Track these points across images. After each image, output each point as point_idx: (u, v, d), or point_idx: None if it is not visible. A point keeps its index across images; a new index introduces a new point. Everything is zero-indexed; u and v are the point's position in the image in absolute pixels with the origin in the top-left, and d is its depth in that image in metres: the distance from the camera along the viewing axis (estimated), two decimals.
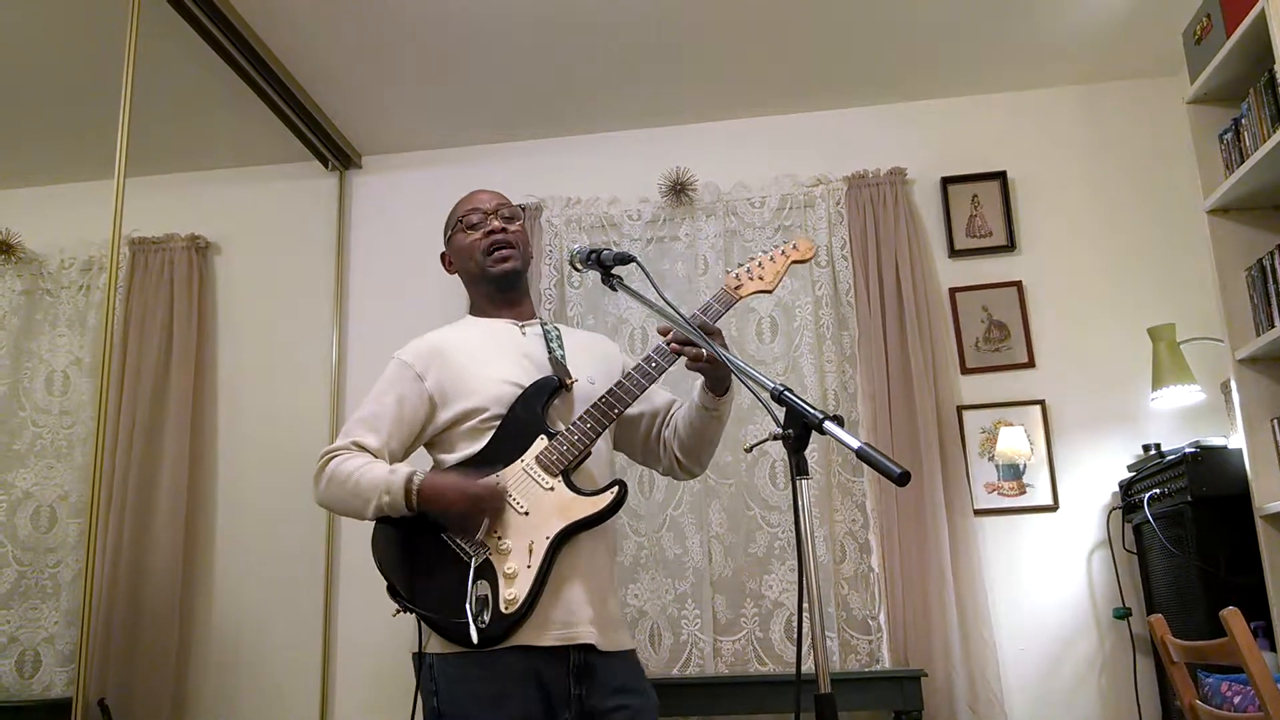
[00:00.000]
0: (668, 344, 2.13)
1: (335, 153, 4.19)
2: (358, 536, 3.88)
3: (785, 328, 3.91)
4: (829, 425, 1.59)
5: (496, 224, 2.34)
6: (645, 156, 4.12)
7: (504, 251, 2.32)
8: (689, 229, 4.04)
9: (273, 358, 4.18)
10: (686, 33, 3.61)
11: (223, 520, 4.05)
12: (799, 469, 1.62)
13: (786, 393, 1.67)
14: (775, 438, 1.66)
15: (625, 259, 2.15)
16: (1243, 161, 2.98)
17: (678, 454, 2.33)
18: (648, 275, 2.10)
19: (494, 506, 2.03)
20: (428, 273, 4.09)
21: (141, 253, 4.21)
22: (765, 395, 1.70)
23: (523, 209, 3.38)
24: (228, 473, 4.10)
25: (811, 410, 1.63)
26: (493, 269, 2.33)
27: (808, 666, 1.63)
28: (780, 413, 1.67)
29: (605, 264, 2.17)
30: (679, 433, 2.31)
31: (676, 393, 2.47)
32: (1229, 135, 3.10)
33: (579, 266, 2.25)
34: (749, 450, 3.70)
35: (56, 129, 3.96)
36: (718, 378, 2.18)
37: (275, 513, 3.99)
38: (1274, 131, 2.80)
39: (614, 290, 2.19)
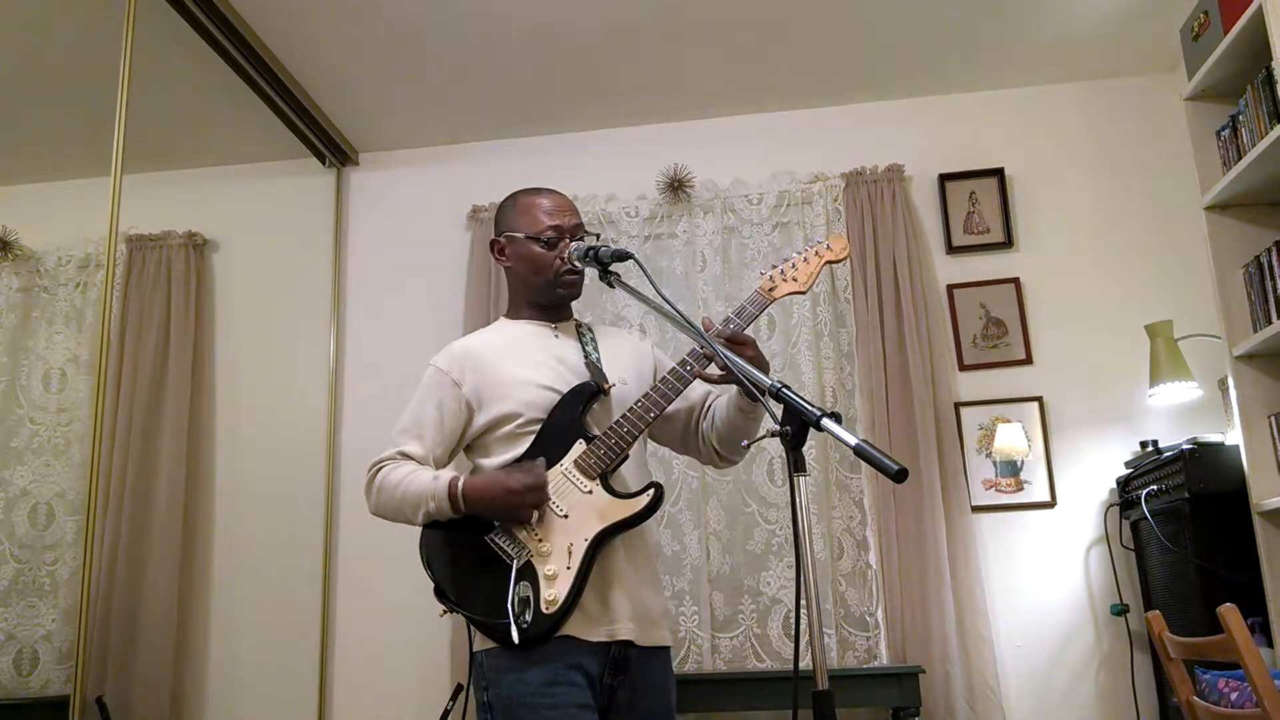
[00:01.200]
0: (713, 336, 2.14)
1: (333, 150, 4.19)
2: (356, 534, 3.90)
3: (783, 325, 3.91)
4: (826, 422, 1.60)
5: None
6: (643, 154, 4.12)
7: (574, 278, 2.32)
8: (687, 226, 4.04)
9: (270, 355, 4.18)
10: (684, 30, 3.60)
11: (220, 517, 4.05)
12: (797, 466, 1.62)
13: (784, 389, 1.68)
14: (773, 434, 1.66)
15: (623, 256, 2.15)
16: (1240, 158, 2.99)
17: (716, 447, 2.36)
18: (645, 272, 2.10)
19: (534, 498, 2.08)
20: (425, 270, 4.14)
21: (139, 250, 4.21)
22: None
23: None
24: (226, 470, 4.09)
25: (809, 407, 1.63)
26: (559, 291, 2.33)
27: (805, 663, 1.63)
28: (778, 410, 1.68)
29: (603, 261, 2.17)
30: (717, 427, 2.34)
31: None
32: (1226, 132, 3.10)
33: (577, 263, 2.26)
34: (747, 447, 3.68)
35: (53, 126, 3.95)
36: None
37: (273, 509, 3.99)
38: (1271, 128, 2.80)
39: (611, 287, 2.20)
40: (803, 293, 2.31)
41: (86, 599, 2.81)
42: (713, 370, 2.17)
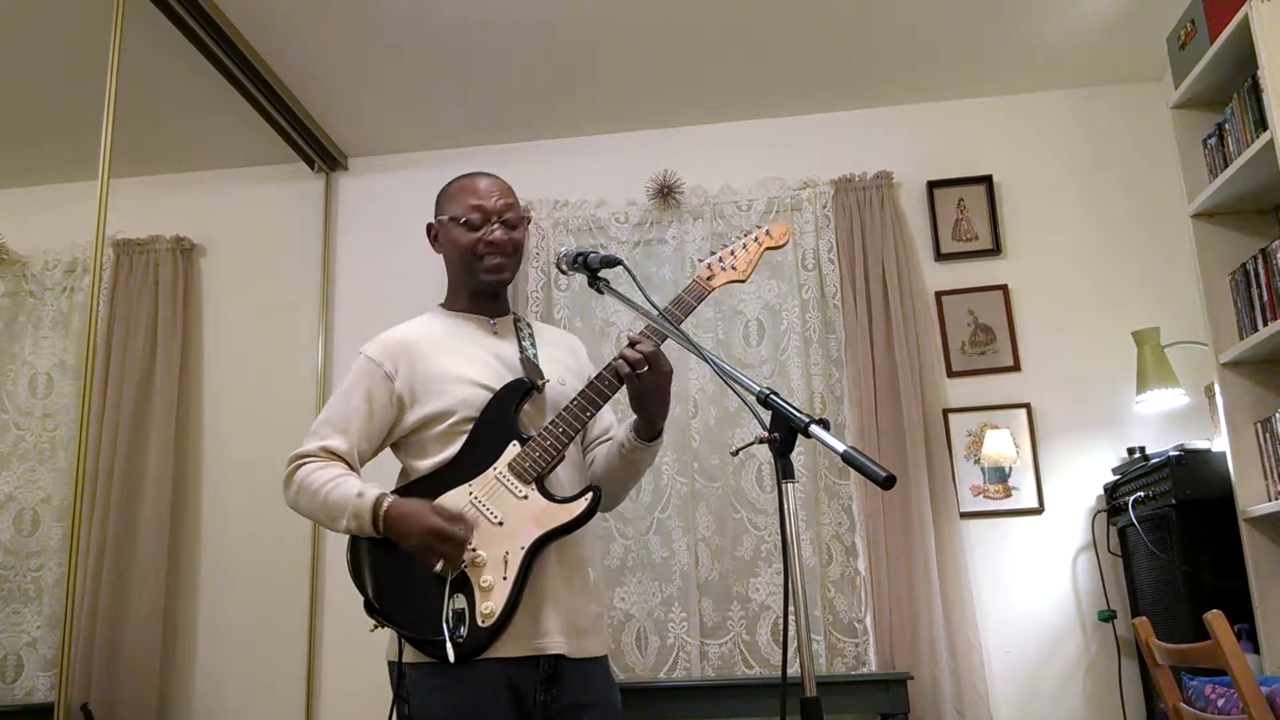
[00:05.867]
0: (625, 355, 2.06)
1: (321, 154, 4.18)
2: (343, 543, 3.86)
3: (772, 331, 3.91)
4: (815, 429, 1.59)
5: (499, 234, 2.21)
6: (632, 159, 4.12)
7: (499, 261, 2.22)
8: (676, 232, 4.04)
9: (258, 360, 4.17)
10: (674, 36, 3.61)
11: (207, 523, 4.03)
12: (785, 472, 1.61)
13: (772, 396, 1.67)
14: (761, 441, 1.65)
15: (612, 262, 2.13)
16: (1226, 166, 3.00)
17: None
18: (634, 278, 2.10)
19: (451, 551, 1.96)
20: (414, 274, 4.12)
21: (126, 254, 4.19)
22: (751, 399, 1.70)
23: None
24: (212, 476, 4.08)
25: (797, 414, 1.62)
26: (483, 276, 2.23)
27: (794, 670, 1.63)
28: (766, 416, 1.67)
29: (592, 267, 2.15)
30: (595, 473, 2.26)
31: None
32: (1213, 140, 3.12)
33: (566, 269, 2.22)
34: (735, 454, 3.70)
35: (40, 130, 3.94)
36: (651, 417, 2.13)
37: (260, 516, 3.97)
38: (1257, 136, 2.81)
39: (601, 293, 2.17)
40: (742, 281, 2.23)
41: (72, 605, 2.79)
42: (633, 367, 2.04)
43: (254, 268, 4.27)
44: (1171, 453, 3.07)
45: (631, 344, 2.06)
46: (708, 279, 2.21)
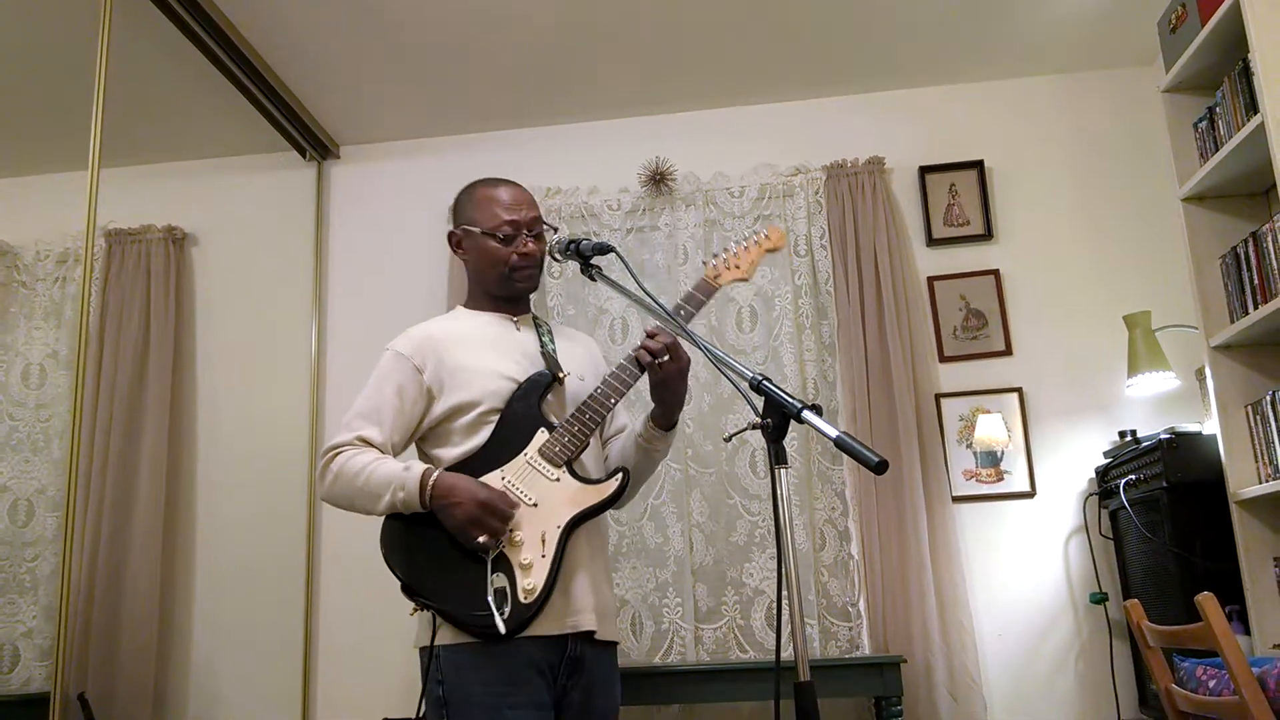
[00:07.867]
0: (646, 346, 2.17)
1: (313, 143, 4.16)
2: (339, 530, 3.89)
3: (764, 317, 3.91)
4: (807, 414, 1.61)
5: (531, 246, 2.31)
6: (624, 146, 4.12)
7: (530, 273, 2.32)
8: (668, 219, 4.04)
9: (252, 349, 4.16)
10: (665, 23, 3.60)
11: (202, 513, 4.03)
12: (778, 458, 1.63)
13: (765, 382, 1.69)
14: (754, 427, 1.68)
15: (604, 249, 2.18)
16: (1217, 150, 3.01)
17: None
18: (627, 265, 2.13)
19: (496, 525, 2.05)
20: (407, 263, 4.13)
21: (118, 244, 4.18)
22: (744, 385, 1.71)
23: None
24: (207, 465, 4.07)
25: (790, 399, 1.64)
26: (518, 285, 2.33)
27: (788, 654, 1.64)
28: (759, 402, 1.68)
29: (584, 254, 2.19)
30: (610, 460, 2.39)
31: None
32: (1203, 124, 3.12)
33: (558, 257, 2.28)
34: (728, 439, 3.67)
35: (30, 119, 3.91)
36: (669, 407, 2.25)
37: (255, 505, 3.98)
38: (1248, 120, 2.82)
39: (593, 280, 2.21)
40: (745, 279, 2.37)
41: (67, 595, 2.80)
42: (656, 357, 2.17)
43: (246, 257, 4.26)
44: (1163, 436, 3.09)
45: (651, 335, 2.17)
46: (715, 277, 2.33)
